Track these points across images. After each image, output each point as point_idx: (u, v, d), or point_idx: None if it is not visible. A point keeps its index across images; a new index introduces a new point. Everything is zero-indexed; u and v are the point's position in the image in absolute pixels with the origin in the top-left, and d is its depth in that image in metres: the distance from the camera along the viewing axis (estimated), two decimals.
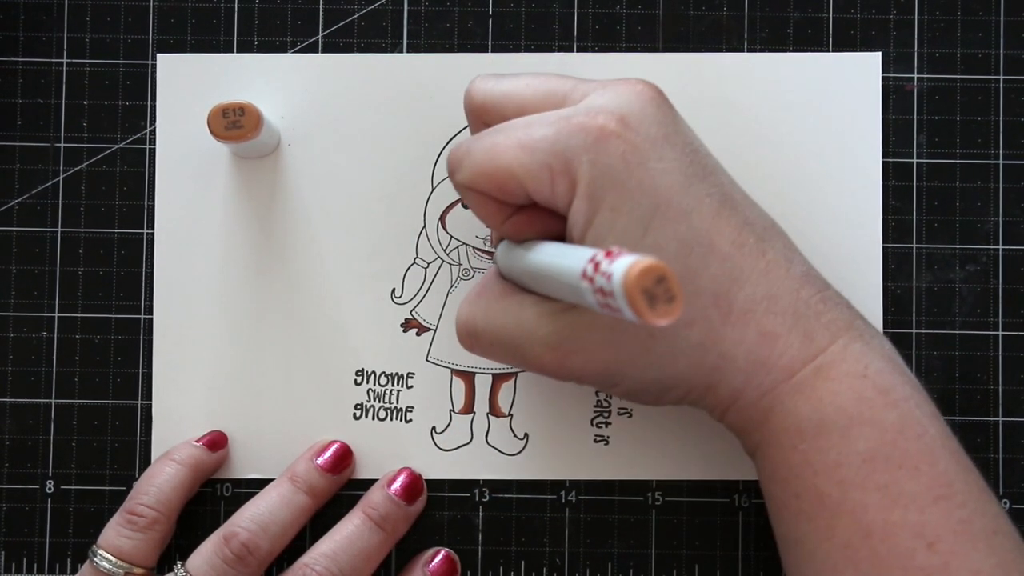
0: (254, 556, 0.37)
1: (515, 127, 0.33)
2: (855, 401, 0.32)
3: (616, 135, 0.31)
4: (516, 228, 0.34)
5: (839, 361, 0.33)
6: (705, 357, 0.33)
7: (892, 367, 0.33)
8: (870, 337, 0.34)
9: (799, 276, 0.33)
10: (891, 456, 0.32)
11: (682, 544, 0.41)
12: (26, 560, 0.41)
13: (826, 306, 0.33)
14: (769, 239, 0.33)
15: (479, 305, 0.35)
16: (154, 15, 0.42)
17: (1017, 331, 0.41)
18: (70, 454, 0.41)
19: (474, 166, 0.33)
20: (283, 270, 0.41)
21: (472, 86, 0.35)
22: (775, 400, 0.33)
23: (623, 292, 0.25)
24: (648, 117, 0.32)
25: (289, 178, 0.41)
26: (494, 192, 0.33)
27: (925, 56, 0.41)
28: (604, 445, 0.41)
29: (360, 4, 0.42)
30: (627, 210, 0.31)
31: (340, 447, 0.40)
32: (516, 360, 0.34)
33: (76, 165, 0.42)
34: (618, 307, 0.25)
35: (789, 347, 0.33)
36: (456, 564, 0.40)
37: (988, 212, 0.41)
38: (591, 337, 0.32)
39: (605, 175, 0.31)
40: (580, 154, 0.31)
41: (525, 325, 0.33)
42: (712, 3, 0.42)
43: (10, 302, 0.41)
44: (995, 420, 0.41)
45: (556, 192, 0.32)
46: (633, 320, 0.25)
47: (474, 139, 0.33)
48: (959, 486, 0.32)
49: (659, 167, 0.32)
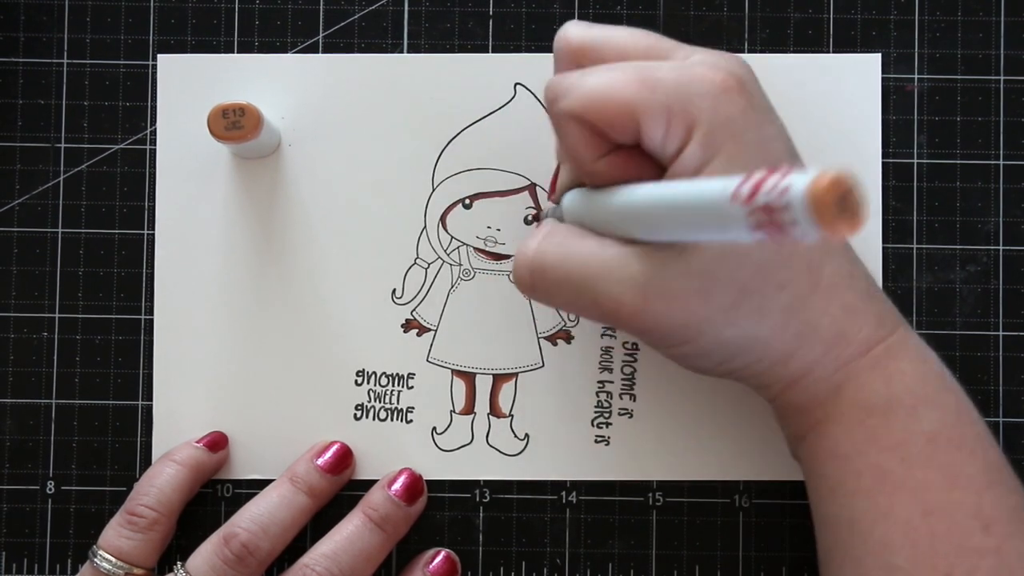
0: (254, 557, 0.37)
1: (633, 66, 0.32)
2: (921, 382, 0.33)
3: (737, 91, 0.31)
4: (611, 168, 0.33)
5: (905, 345, 0.34)
6: (790, 321, 0.32)
7: (939, 360, 0.35)
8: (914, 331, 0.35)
9: (863, 265, 0.35)
10: (952, 437, 0.33)
11: (682, 544, 0.41)
12: (26, 560, 0.41)
13: (884, 295, 0.35)
14: None
15: (552, 240, 0.34)
16: (154, 15, 0.42)
17: (1017, 331, 0.41)
18: (71, 455, 0.41)
19: (587, 95, 0.32)
20: (284, 271, 0.41)
21: (567, 29, 0.34)
22: (850, 373, 0.33)
23: (810, 202, 0.23)
24: (756, 86, 0.33)
25: (289, 178, 0.41)
26: (603, 125, 0.32)
27: (925, 57, 0.41)
28: (604, 446, 0.41)
29: (360, 4, 0.42)
30: (742, 163, 0.31)
31: (340, 448, 0.40)
32: (585, 301, 0.33)
33: (76, 166, 0.42)
34: (791, 221, 0.24)
35: (866, 324, 0.33)
36: (456, 565, 0.40)
37: (988, 212, 0.41)
38: (683, 283, 0.31)
39: (726, 126, 0.31)
40: (704, 100, 0.31)
41: (610, 262, 0.32)
42: (712, 3, 0.42)
43: (11, 303, 0.41)
44: (995, 420, 0.41)
45: (670, 134, 0.31)
46: (809, 233, 0.24)
47: (584, 72, 0.32)
48: (1008, 473, 0.34)
49: (770, 131, 0.32)
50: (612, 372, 0.41)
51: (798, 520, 0.41)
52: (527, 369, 0.41)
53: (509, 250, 0.41)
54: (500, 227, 0.41)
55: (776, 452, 0.40)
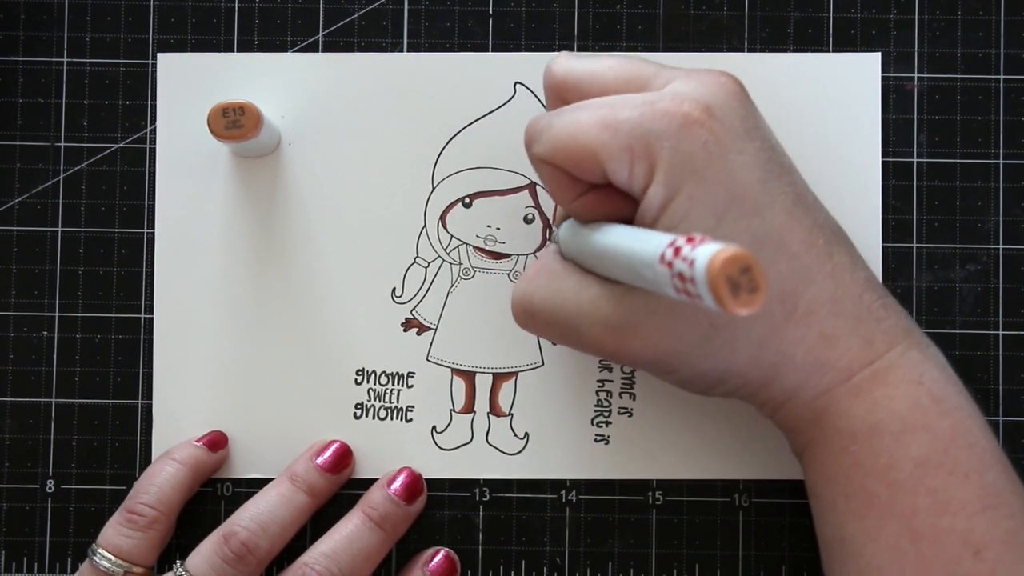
0: (253, 555, 0.37)
1: (598, 105, 0.32)
2: (910, 407, 0.32)
3: (700, 123, 0.31)
4: (587, 207, 0.34)
5: (896, 367, 0.33)
6: (764, 353, 0.33)
7: (946, 377, 0.34)
8: (926, 346, 0.34)
9: (862, 281, 0.34)
10: (943, 463, 0.32)
11: (682, 544, 0.41)
12: (26, 559, 0.41)
13: (886, 312, 0.33)
14: (837, 242, 0.34)
15: (537, 283, 0.35)
16: (154, 15, 0.42)
17: (1017, 331, 0.41)
18: (70, 453, 0.41)
19: (553, 140, 0.33)
20: (283, 270, 0.41)
21: (554, 62, 0.35)
22: (830, 400, 0.33)
23: (706, 279, 0.24)
24: (732, 109, 0.32)
25: (289, 178, 0.41)
26: (571, 168, 0.33)
27: (925, 56, 0.41)
28: (604, 445, 0.41)
29: (360, 3, 0.42)
30: (703, 200, 0.31)
31: (340, 447, 0.40)
32: (572, 340, 0.34)
33: (76, 165, 0.42)
34: (698, 294, 0.25)
35: (849, 350, 0.33)
36: (456, 564, 0.40)
37: (988, 212, 0.41)
38: (652, 322, 0.32)
39: (686, 162, 0.31)
40: (662, 139, 0.31)
41: (585, 306, 0.33)
42: (712, 3, 0.42)
43: (10, 301, 0.41)
44: (995, 420, 0.41)
45: (634, 174, 0.32)
46: (712, 308, 0.25)
47: (554, 113, 0.33)
48: (1007, 497, 0.32)
49: (739, 160, 0.32)
50: (612, 371, 0.41)
51: (798, 519, 0.41)
52: (527, 368, 0.41)
53: (509, 249, 0.41)
54: (500, 226, 0.41)
55: (776, 451, 0.40)
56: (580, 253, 0.34)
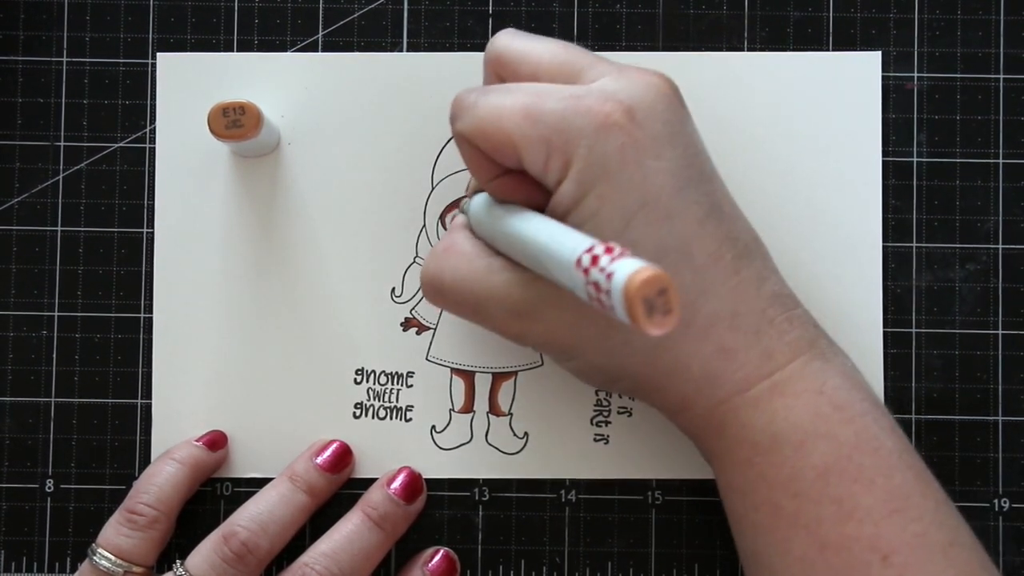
0: (253, 555, 0.37)
1: (524, 92, 0.32)
2: (811, 416, 0.32)
3: (619, 127, 0.31)
4: (502, 189, 0.34)
5: (796, 378, 0.33)
6: (659, 360, 0.33)
7: (851, 384, 0.34)
8: (832, 355, 0.34)
9: (768, 296, 0.33)
10: (846, 470, 0.32)
11: (682, 543, 0.41)
12: (26, 559, 0.41)
13: (791, 326, 0.33)
14: (747, 256, 0.33)
15: (447, 262, 0.35)
16: (154, 14, 0.42)
17: (1017, 330, 0.41)
18: (70, 453, 0.41)
19: (475, 120, 0.33)
20: (283, 269, 0.41)
21: (496, 36, 0.35)
22: (729, 412, 0.33)
23: (622, 297, 0.25)
24: (656, 113, 0.32)
25: (289, 178, 0.41)
26: (489, 151, 0.33)
27: (925, 55, 0.41)
28: (604, 444, 0.41)
29: (360, 3, 0.42)
30: (613, 202, 0.31)
31: (339, 446, 0.40)
32: (479, 320, 0.35)
33: (76, 164, 0.42)
34: (611, 306, 0.25)
35: (747, 363, 0.33)
36: (455, 563, 0.40)
37: (988, 211, 0.41)
38: (555, 314, 0.33)
39: (599, 164, 0.31)
40: (580, 137, 0.31)
41: (493, 291, 0.33)
42: (712, 2, 0.42)
43: (10, 301, 0.41)
44: (995, 420, 0.41)
45: (549, 167, 0.32)
46: (623, 321, 0.25)
47: (481, 92, 0.33)
48: (915, 499, 0.32)
49: (655, 165, 0.32)
50: None
51: None
52: (526, 367, 0.41)
53: None
54: None
55: None
56: (491, 233, 0.34)
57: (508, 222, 0.33)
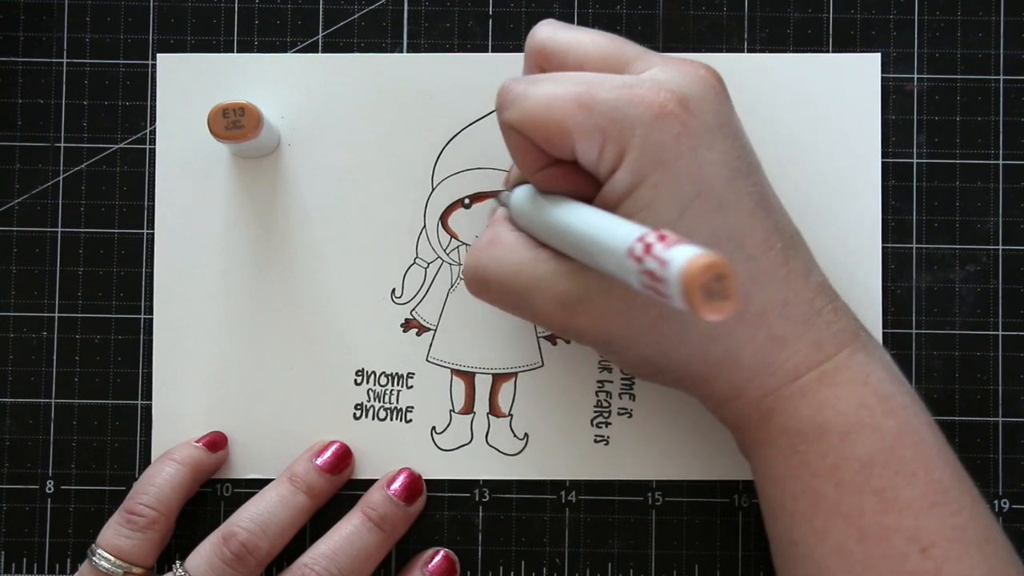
0: (253, 556, 0.37)
1: (576, 81, 0.32)
2: (856, 407, 0.33)
3: (674, 116, 0.31)
4: (548, 180, 0.34)
5: (843, 368, 0.33)
6: (711, 349, 0.33)
7: (892, 377, 0.34)
8: (873, 348, 0.34)
9: (815, 286, 0.34)
10: (888, 462, 0.32)
11: (682, 544, 0.41)
12: (26, 559, 0.41)
13: (837, 316, 0.34)
14: (794, 247, 0.34)
15: (492, 253, 0.34)
16: (154, 15, 0.42)
17: (1017, 331, 0.41)
18: (70, 454, 0.41)
19: (527, 110, 0.32)
20: (283, 270, 0.41)
21: (536, 27, 0.35)
22: (777, 401, 0.33)
23: (681, 284, 0.24)
24: (707, 104, 0.32)
25: (289, 178, 0.41)
26: (540, 141, 0.32)
27: (925, 56, 0.41)
28: (604, 445, 0.41)
29: (360, 4, 0.42)
30: (668, 191, 0.31)
31: (340, 447, 0.40)
32: (523, 311, 0.34)
33: (76, 165, 0.42)
34: (668, 294, 0.25)
35: (797, 352, 0.33)
36: (455, 564, 0.40)
37: (988, 212, 0.41)
38: (604, 304, 0.32)
39: (656, 152, 0.31)
40: (636, 126, 0.31)
41: (540, 281, 0.33)
42: (712, 3, 0.42)
43: (10, 302, 0.41)
44: (995, 420, 0.41)
45: (603, 157, 0.32)
46: (680, 308, 0.25)
47: (530, 81, 0.33)
48: (954, 494, 0.33)
49: (709, 155, 0.32)
50: (611, 372, 0.41)
51: None
52: (526, 368, 0.41)
53: None
54: None
55: None
56: (535, 224, 0.34)
57: (554, 212, 0.33)
